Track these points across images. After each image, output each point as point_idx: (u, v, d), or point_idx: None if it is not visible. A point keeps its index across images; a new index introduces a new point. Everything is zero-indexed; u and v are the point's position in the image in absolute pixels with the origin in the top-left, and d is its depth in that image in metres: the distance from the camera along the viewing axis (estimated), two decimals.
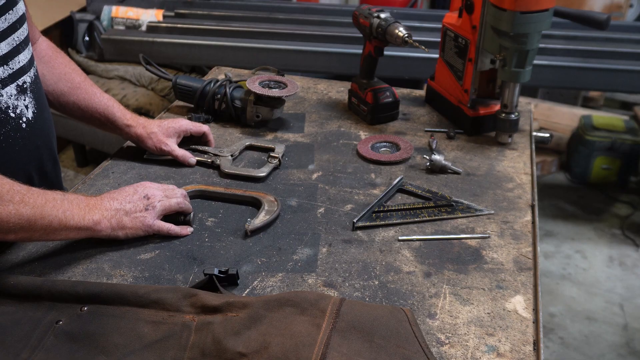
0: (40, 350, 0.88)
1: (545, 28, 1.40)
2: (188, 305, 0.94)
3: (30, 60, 1.16)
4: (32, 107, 1.15)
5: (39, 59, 1.29)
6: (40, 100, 1.19)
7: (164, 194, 1.16)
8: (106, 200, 1.10)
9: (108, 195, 1.11)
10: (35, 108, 1.16)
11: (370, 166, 1.44)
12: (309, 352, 0.83)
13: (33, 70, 1.17)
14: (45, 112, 1.21)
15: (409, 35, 1.48)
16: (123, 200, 1.11)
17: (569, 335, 2.61)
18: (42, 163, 1.20)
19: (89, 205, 1.06)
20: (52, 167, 1.24)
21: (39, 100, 1.18)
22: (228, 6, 3.35)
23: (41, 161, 1.19)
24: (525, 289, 1.06)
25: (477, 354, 0.92)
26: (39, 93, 1.19)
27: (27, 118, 1.13)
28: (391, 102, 1.65)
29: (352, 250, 1.15)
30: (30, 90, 1.15)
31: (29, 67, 1.15)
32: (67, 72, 1.34)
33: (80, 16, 3.41)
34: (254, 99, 1.56)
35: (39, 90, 1.19)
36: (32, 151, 1.16)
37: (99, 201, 1.09)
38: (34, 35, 1.30)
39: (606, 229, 3.30)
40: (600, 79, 2.67)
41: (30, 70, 1.16)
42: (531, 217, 1.25)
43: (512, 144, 1.55)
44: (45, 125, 1.20)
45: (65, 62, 1.35)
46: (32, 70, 1.17)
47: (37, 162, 1.18)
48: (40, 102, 1.19)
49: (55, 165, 1.26)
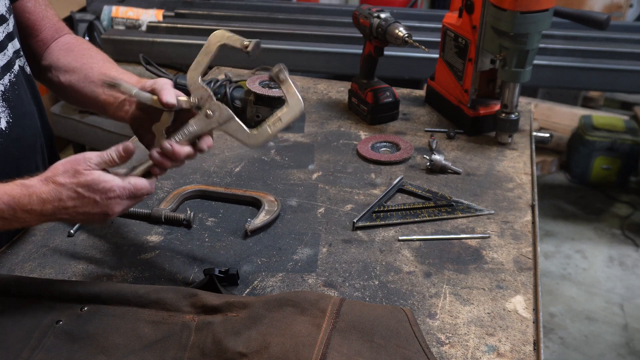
0: (40, 350, 0.88)
1: (545, 28, 1.40)
2: (188, 305, 0.93)
3: (4, 66, 1.09)
4: (6, 117, 1.09)
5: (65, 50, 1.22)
6: (18, 108, 1.12)
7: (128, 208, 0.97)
8: (50, 207, 0.91)
9: (55, 200, 0.91)
10: (10, 117, 1.09)
11: (370, 166, 1.44)
12: (309, 352, 0.83)
13: (8, 76, 1.10)
14: (25, 120, 1.14)
15: (409, 35, 1.48)
16: (75, 213, 0.93)
17: (569, 335, 2.61)
18: (21, 175, 1.10)
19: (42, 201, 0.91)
20: None
21: (17, 108, 1.11)
22: (228, 6, 3.35)
23: (20, 173, 1.10)
24: (525, 289, 1.06)
25: (477, 354, 0.92)
26: (17, 101, 1.12)
27: (0, 128, 1.07)
28: (391, 102, 1.65)
29: (352, 250, 1.15)
30: (4, 98, 1.09)
31: (3, 74, 1.09)
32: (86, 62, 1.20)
33: (80, 16, 3.41)
34: (254, 99, 1.56)
35: (16, 97, 1.12)
36: (8, 162, 1.10)
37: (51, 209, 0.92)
38: (60, 31, 1.26)
39: (606, 229, 3.30)
40: (600, 79, 2.67)
41: (3, 77, 1.09)
42: (531, 217, 1.25)
43: (512, 144, 1.55)
44: (24, 135, 1.14)
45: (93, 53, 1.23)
46: (7, 77, 1.10)
47: (15, 174, 1.08)
48: (18, 110, 1.12)
49: None
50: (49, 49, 1.24)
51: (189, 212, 1.19)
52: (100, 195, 0.92)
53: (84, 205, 0.91)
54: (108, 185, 0.92)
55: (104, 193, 0.92)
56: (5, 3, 1.11)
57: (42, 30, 1.23)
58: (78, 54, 1.22)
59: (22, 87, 1.15)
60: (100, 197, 0.92)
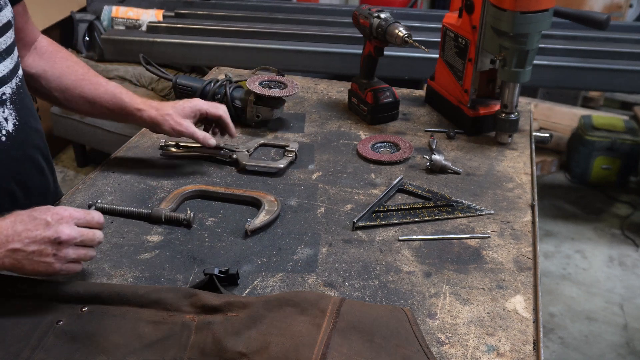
0: (41, 350, 0.88)
1: (545, 28, 1.40)
2: (188, 305, 0.94)
3: (12, 70, 1.11)
4: (13, 119, 1.11)
5: (40, 56, 1.27)
6: (24, 111, 1.14)
7: (80, 237, 0.93)
8: (4, 234, 0.89)
9: (9, 227, 0.90)
10: (16, 120, 1.11)
11: (370, 166, 1.44)
12: (309, 352, 0.83)
13: (15, 80, 1.12)
14: (30, 123, 1.16)
15: (409, 35, 1.48)
16: (26, 238, 0.89)
17: (569, 335, 2.61)
18: (25, 177, 1.15)
19: None
20: (39, 180, 1.20)
21: (22, 111, 1.13)
22: (228, 6, 3.35)
23: (24, 174, 1.14)
24: (525, 288, 1.06)
25: (477, 353, 0.92)
26: (22, 104, 1.14)
27: (6, 131, 1.09)
28: (391, 102, 1.65)
29: (352, 250, 1.15)
30: (11, 101, 1.10)
31: (10, 78, 1.10)
32: (69, 65, 1.29)
33: (80, 16, 3.41)
34: (254, 99, 1.56)
35: (21, 101, 1.14)
36: (13, 165, 1.12)
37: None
38: (33, 35, 1.28)
39: (606, 229, 3.30)
40: (600, 79, 2.67)
41: (11, 81, 1.11)
42: (531, 217, 1.25)
43: (512, 144, 1.55)
44: (29, 137, 1.15)
45: (66, 56, 1.31)
46: (14, 81, 1.12)
47: (19, 175, 1.13)
48: (24, 113, 1.14)
49: (43, 177, 1.23)
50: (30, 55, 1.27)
51: (189, 212, 1.20)
52: (52, 215, 0.91)
53: (36, 228, 0.89)
54: (61, 208, 0.93)
55: (57, 214, 0.91)
56: (10, 9, 1.12)
57: (25, 35, 1.25)
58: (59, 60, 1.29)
59: (26, 91, 1.17)
60: (52, 217, 0.90)
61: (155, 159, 1.45)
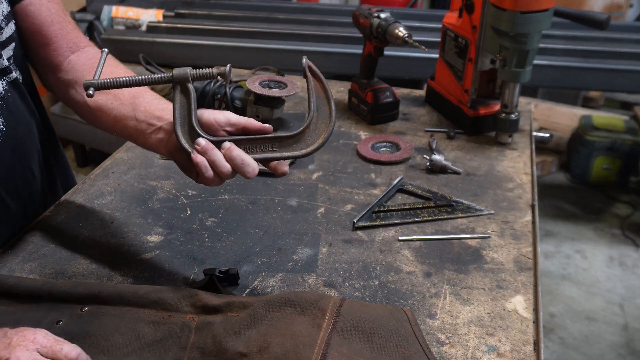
0: None
1: (545, 28, 1.40)
2: (188, 305, 0.94)
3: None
4: (0, 125, 1.07)
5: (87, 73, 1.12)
6: (14, 116, 1.09)
7: None
8: None
9: None
10: (4, 126, 1.07)
11: (370, 166, 1.44)
12: (309, 352, 0.83)
13: (1, 85, 1.08)
14: (20, 128, 1.12)
15: (409, 35, 1.48)
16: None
17: (569, 335, 2.61)
18: (15, 182, 1.11)
19: None
20: (30, 184, 1.17)
21: (11, 116, 1.09)
22: (228, 6, 3.35)
23: (13, 180, 1.11)
24: (525, 289, 1.06)
25: (478, 354, 0.92)
26: (12, 108, 1.09)
27: None
28: (391, 102, 1.65)
29: (352, 250, 1.15)
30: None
31: None
32: None
33: (80, 16, 3.41)
34: (254, 99, 1.56)
35: (10, 105, 1.09)
36: (1, 171, 1.08)
37: None
38: (79, 42, 1.17)
39: (606, 229, 3.30)
40: (600, 79, 2.67)
41: None
42: (531, 217, 1.25)
43: (512, 144, 1.55)
44: (18, 143, 1.11)
45: None
46: (0, 85, 1.07)
47: (7, 181, 1.10)
48: (13, 118, 1.09)
49: (34, 182, 1.18)
50: (70, 62, 1.15)
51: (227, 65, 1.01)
52: (20, 337, 0.82)
53: None
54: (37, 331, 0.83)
55: (23, 336, 0.82)
56: (3, 11, 1.07)
57: (53, 38, 1.14)
58: (105, 71, 1.03)
59: (18, 96, 1.11)
60: (17, 339, 0.81)
61: (155, 159, 1.45)
